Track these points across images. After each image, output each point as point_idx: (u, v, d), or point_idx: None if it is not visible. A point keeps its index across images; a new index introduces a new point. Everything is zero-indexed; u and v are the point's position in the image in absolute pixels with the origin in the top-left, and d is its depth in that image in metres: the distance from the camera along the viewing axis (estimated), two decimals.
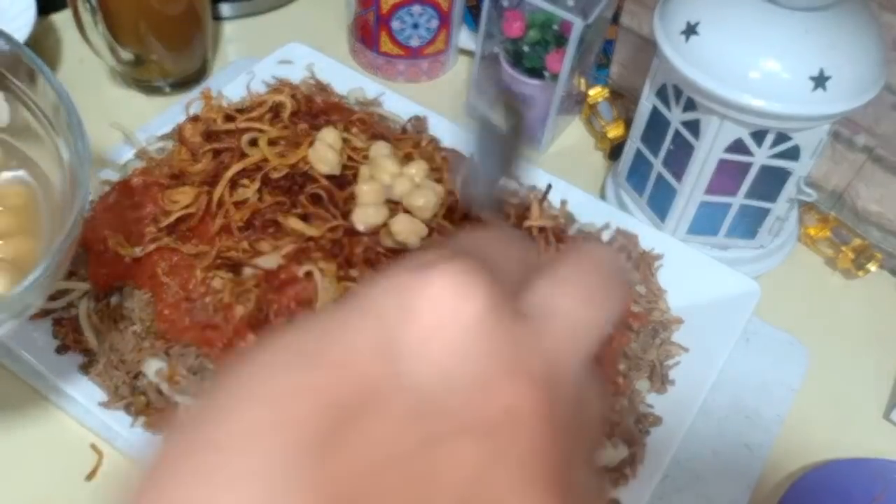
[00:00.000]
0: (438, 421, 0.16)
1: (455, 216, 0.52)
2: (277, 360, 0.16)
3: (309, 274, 0.46)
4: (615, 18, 0.68)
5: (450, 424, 0.16)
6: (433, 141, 0.59)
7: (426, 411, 0.16)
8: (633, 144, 0.61)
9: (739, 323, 0.53)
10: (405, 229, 0.48)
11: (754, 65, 0.48)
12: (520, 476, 0.16)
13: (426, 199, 0.49)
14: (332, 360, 0.16)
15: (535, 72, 0.66)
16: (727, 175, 0.55)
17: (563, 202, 0.58)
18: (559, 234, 0.54)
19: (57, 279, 0.34)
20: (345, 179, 0.52)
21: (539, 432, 0.16)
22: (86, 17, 0.60)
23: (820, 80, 0.48)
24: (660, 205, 0.60)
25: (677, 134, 0.56)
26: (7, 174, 0.42)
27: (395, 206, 0.50)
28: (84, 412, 0.48)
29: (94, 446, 0.49)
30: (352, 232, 0.49)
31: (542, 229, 0.53)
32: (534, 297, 0.19)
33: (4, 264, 0.38)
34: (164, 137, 0.59)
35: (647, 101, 0.58)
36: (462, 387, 0.16)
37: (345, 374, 0.16)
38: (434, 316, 0.16)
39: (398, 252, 0.48)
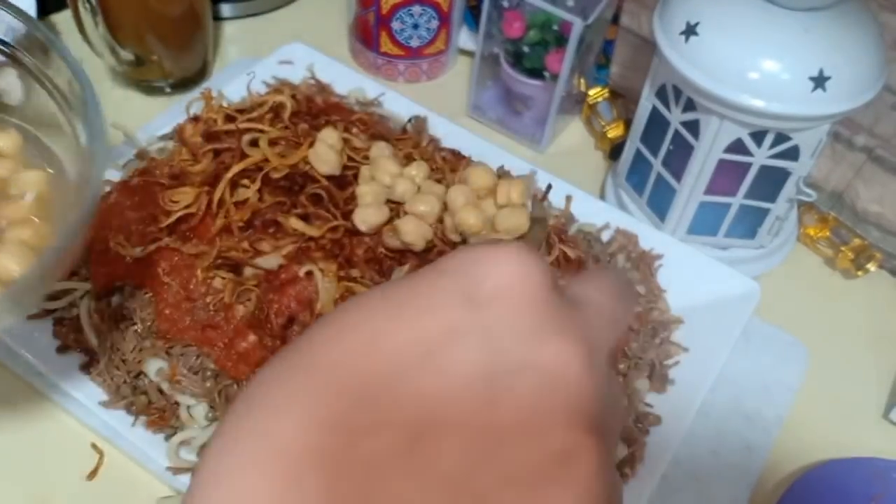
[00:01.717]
0: (504, 357, 0.19)
1: None
2: (365, 310, 0.20)
3: (309, 274, 0.46)
4: (615, 19, 0.68)
5: (513, 361, 0.19)
6: (433, 141, 0.60)
7: (495, 349, 0.19)
8: (633, 144, 0.61)
9: (739, 323, 0.53)
10: (413, 230, 0.48)
11: (754, 65, 0.49)
12: (565, 408, 0.19)
13: (429, 205, 0.49)
14: (414, 308, 0.20)
15: (536, 72, 0.66)
16: (727, 175, 0.55)
17: (569, 197, 0.58)
18: (560, 234, 0.54)
19: (67, 266, 0.35)
20: (345, 180, 0.52)
21: (581, 378, 0.19)
22: (86, 18, 0.60)
23: (819, 81, 0.48)
24: (659, 205, 0.60)
25: (677, 134, 0.56)
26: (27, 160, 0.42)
27: (395, 206, 0.50)
28: (85, 412, 0.49)
29: (94, 446, 0.49)
30: (352, 232, 0.49)
31: None
32: (572, 289, 0.22)
33: (24, 248, 0.38)
34: (164, 138, 0.60)
35: (646, 102, 0.58)
36: (523, 335, 0.19)
37: (426, 319, 0.19)
38: (503, 279, 0.20)
39: (400, 252, 0.48)
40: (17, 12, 0.39)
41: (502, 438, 0.18)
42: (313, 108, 0.58)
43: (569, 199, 0.58)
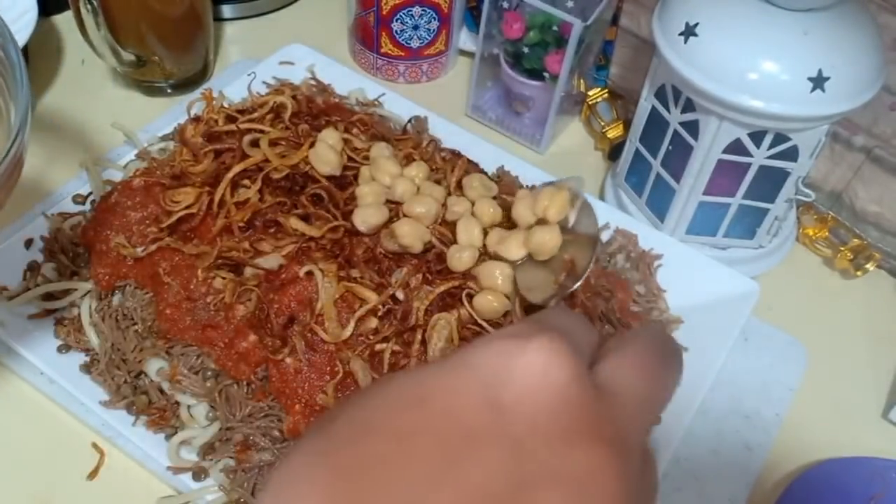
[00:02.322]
0: (530, 467, 0.18)
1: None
2: (388, 404, 0.19)
3: (310, 274, 0.47)
4: (614, 19, 0.68)
5: (540, 472, 0.18)
6: (434, 142, 0.60)
7: (520, 458, 0.18)
8: (633, 145, 0.61)
9: (738, 322, 0.53)
10: (409, 233, 0.48)
11: (753, 66, 0.49)
12: None
13: (426, 206, 0.49)
14: (437, 407, 0.19)
15: (535, 73, 0.66)
16: (726, 175, 0.55)
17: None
18: None
19: None
20: (345, 180, 0.52)
21: (613, 485, 0.19)
22: (87, 19, 0.60)
23: (818, 81, 0.48)
24: (659, 205, 0.60)
25: (676, 134, 0.56)
26: None
27: (395, 206, 0.51)
28: (85, 411, 0.49)
29: (95, 445, 0.49)
30: (352, 232, 0.49)
31: None
32: (605, 372, 0.21)
33: None
34: (165, 138, 0.60)
35: (646, 102, 0.58)
36: (551, 440, 0.19)
37: (450, 422, 0.19)
38: (529, 379, 0.19)
39: (399, 255, 0.48)
40: None
41: None
42: (314, 109, 0.58)
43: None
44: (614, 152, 0.68)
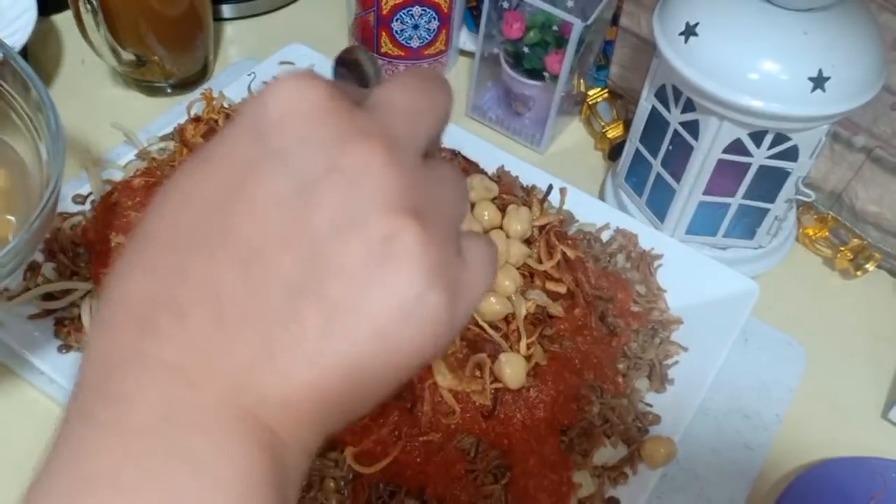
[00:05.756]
0: (304, 172, 0.20)
1: None
2: (186, 169, 0.22)
3: None
4: (614, 19, 0.68)
5: (314, 171, 0.20)
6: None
7: (292, 167, 0.20)
8: (633, 145, 0.61)
9: (738, 322, 0.53)
10: None
11: (753, 65, 0.49)
12: (375, 200, 0.20)
13: None
14: (216, 160, 0.21)
15: (535, 73, 0.66)
16: (726, 175, 0.55)
17: (563, 189, 0.58)
18: (559, 234, 0.54)
19: (27, 258, 0.37)
20: None
21: (385, 170, 0.20)
22: (87, 19, 0.60)
23: (819, 81, 0.48)
24: (659, 205, 0.60)
25: (676, 134, 0.56)
26: None
27: None
28: None
29: None
30: None
31: (542, 228, 0.53)
32: (370, 98, 0.23)
33: None
34: (165, 138, 0.60)
35: (646, 102, 0.58)
36: (317, 147, 0.20)
37: (227, 164, 0.21)
38: (283, 101, 0.21)
39: None
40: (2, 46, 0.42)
41: (325, 241, 0.20)
42: None
43: (563, 191, 0.58)
44: (614, 152, 0.68)
